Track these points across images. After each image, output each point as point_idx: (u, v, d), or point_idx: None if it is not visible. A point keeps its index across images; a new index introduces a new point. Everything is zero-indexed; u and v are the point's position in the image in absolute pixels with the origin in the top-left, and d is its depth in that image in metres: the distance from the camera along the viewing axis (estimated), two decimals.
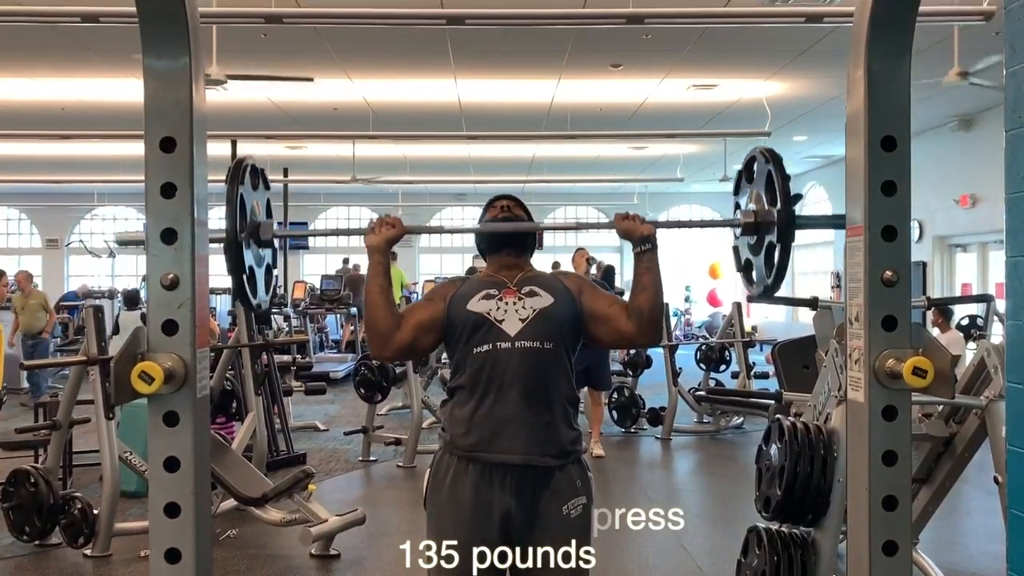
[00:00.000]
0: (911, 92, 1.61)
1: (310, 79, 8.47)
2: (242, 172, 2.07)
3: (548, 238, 18.62)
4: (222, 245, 2.03)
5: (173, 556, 1.58)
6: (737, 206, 2.25)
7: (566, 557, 2.17)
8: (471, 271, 13.26)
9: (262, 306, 2.21)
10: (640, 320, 2.21)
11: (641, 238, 2.22)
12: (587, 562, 2.22)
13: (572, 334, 2.25)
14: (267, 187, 2.24)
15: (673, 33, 7.58)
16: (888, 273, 1.57)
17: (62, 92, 9.86)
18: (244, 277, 2.08)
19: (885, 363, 1.56)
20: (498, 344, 2.15)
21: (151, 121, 1.57)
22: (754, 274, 2.19)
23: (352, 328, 13.79)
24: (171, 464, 1.57)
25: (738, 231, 2.21)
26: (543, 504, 2.16)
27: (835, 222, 1.97)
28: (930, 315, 7.51)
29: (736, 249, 2.29)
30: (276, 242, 2.24)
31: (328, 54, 8.12)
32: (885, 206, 1.58)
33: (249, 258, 2.10)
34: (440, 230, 2.52)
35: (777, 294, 2.15)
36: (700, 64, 8.68)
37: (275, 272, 2.34)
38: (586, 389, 7.01)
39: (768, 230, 2.07)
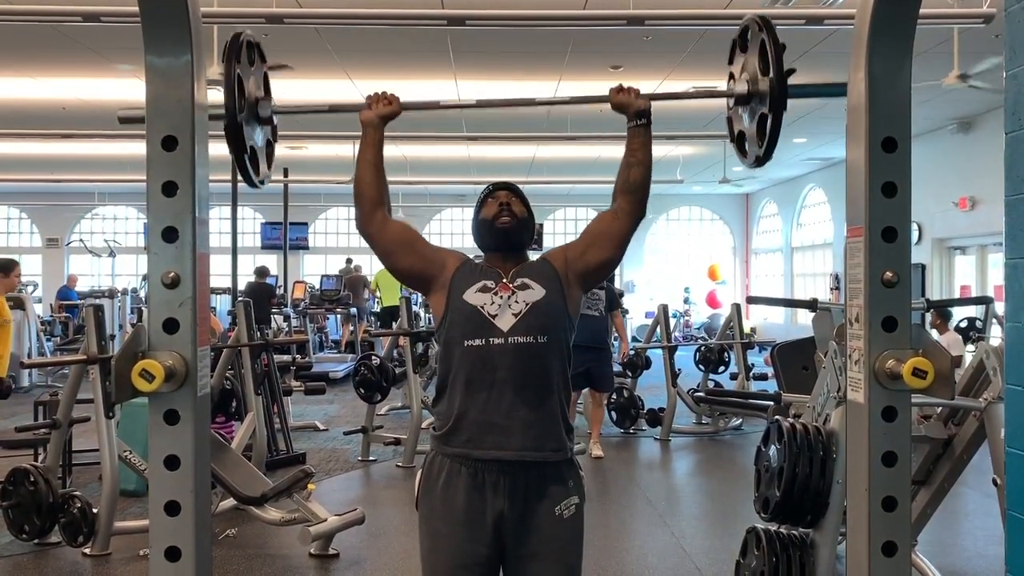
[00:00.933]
0: (910, 94, 1.62)
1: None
2: (239, 48, 2.02)
3: (548, 239, 18.63)
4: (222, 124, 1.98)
5: (173, 554, 1.58)
6: (731, 76, 2.19)
7: (559, 558, 2.16)
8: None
9: (264, 182, 2.20)
10: (634, 194, 2.24)
11: (637, 112, 2.23)
12: (579, 562, 2.21)
13: (566, 322, 2.22)
14: (263, 61, 2.19)
15: (673, 35, 7.59)
16: (888, 274, 1.57)
17: (63, 91, 9.87)
18: (246, 157, 2.05)
19: (885, 364, 1.56)
20: (491, 340, 2.13)
21: (153, 120, 1.57)
22: (747, 145, 2.16)
23: (352, 328, 13.80)
24: (171, 462, 1.58)
25: (731, 101, 2.19)
26: (535, 505, 2.14)
27: (830, 90, 1.92)
28: (928, 316, 7.52)
29: (729, 120, 2.25)
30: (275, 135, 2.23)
31: (329, 55, 8.13)
32: (885, 207, 1.58)
33: (249, 137, 2.08)
34: (436, 105, 2.49)
35: (775, 296, 2.14)
36: (700, 66, 8.69)
37: (275, 146, 2.30)
38: (587, 390, 7.02)
39: (760, 100, 2.03)
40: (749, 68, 2.08)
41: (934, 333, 7.28)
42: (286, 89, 9.01)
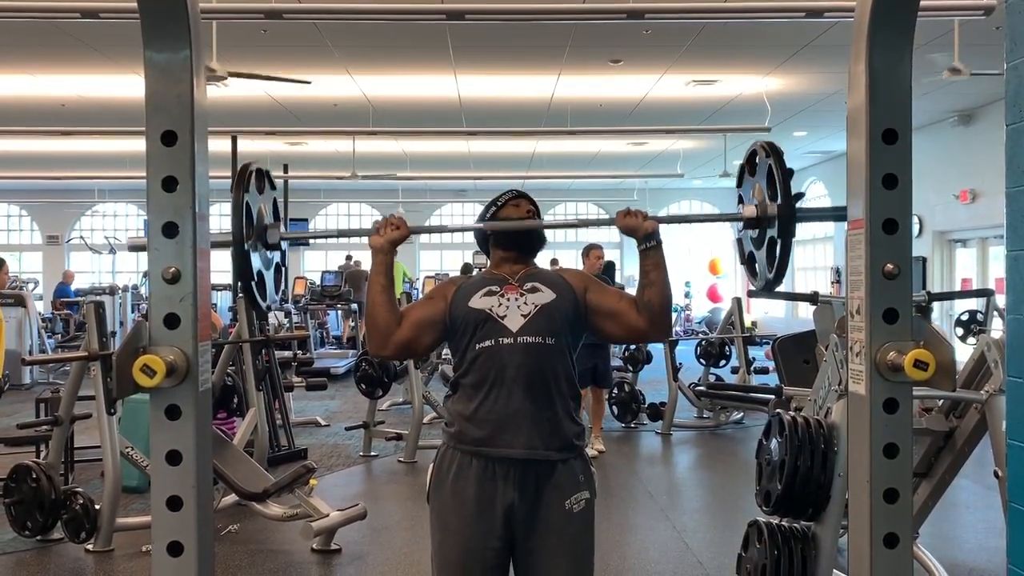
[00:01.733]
0: (911, 86, 1.61)
1: (308, 82, 8.46)
2: (247, 178, 2.07)
3: (547, 234, 18.59)
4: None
5: (175, 549, 1.58)
6: (740, 199, 2.25)
7: (569, 551, 2.17)
8: (466, 268, 13.25)
9: (272, 307, 2.23)
10: (651, 315, 2.22)
11: (645, 235, 2.23)
12: (590, 556, 2.23)
13: (574, 329, 2.26)
14: (272, 187, 2.24)
15: (673, 29, 7.58)
16: (889, 266, 1.57)
17: (62, 88, 9.86)
18: (253, 284, 2.09)
19: (886, 356, 1.56)
20: (500, 340, 2.16)
21: (152, 115, 1.57)
22: (757, 267, 2.20)
23: (352, 324, 13.81)
24: (173, 458, 1.58)
25: (741, 225, 2.22)
26: (546, 498, 2.16)
27: (836, 214, 1.97)
28: (937, 309, 7.51)
29: (740, 242, 2.29)
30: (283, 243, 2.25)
31: (328, 50, 8.12)
32: (886, 199, 1.58)
33: (257, 262, 2.11)
34: (443, 229, 2.53)
35: (777, 289, 2.16)
36: (700, 60, 8.67)
37: (284, 269, 2.34)
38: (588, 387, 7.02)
39: (769, 224, 2.07)
40: (757, 193, 2.14)
41: None
42: (287, 85, 8.99)
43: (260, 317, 6.46)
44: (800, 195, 2.03)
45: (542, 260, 2.45)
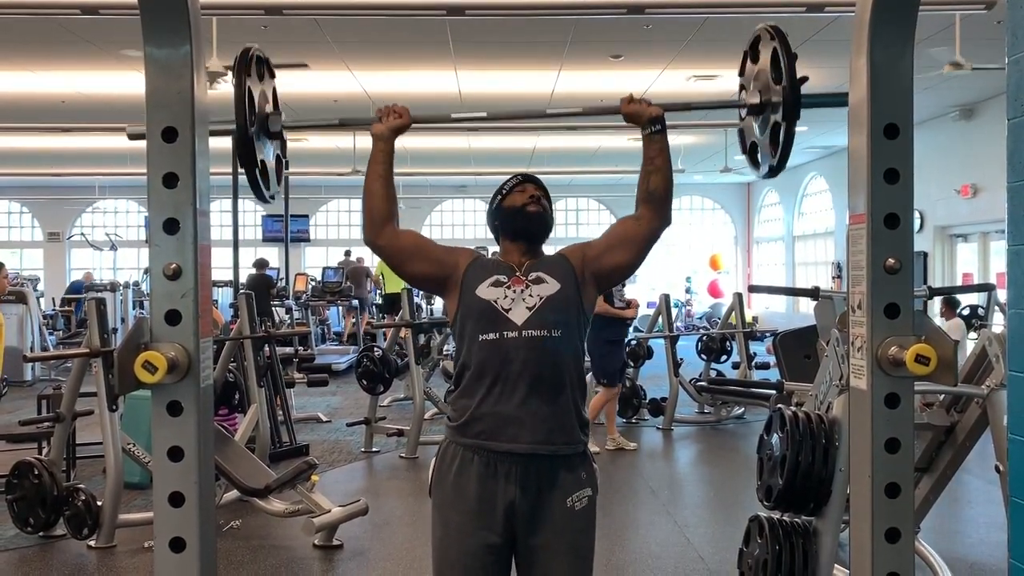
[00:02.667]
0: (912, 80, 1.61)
1: (304, 64, 8.42)
2: (248, 62, 2.04)
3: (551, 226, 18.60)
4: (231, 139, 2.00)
5: (178, 545, 1.58)
6: (742, 87, 2.19)
7: (570, 549, 2.16)
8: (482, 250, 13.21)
9: (275, 197, 2.21)
10: (656, 203, 2.21)
11: (651, 119, 2.21)
12: (590, 554, 2.22)
13: (581, 316, 2.23)
14: (272, 76, 2.21)
15: (674, 24, 7.57)
16: (891, 261, 1.57)
17: (62, 85, 9.85)
18: (257, 171, 2.06)
19: (888, 351, 1.56)
20: (505, 333, 2.13)
21: (153, 111, 1.57)
22: (759, 156, 2.16)
23: (354, 320, 13.81)
24: (175, 454, 1.58)
25: (743, 112, 2.18)
26: (548, 496, 2.14)
27: (842, 100, 1.92)
28: (937, 304, 7.53)
29: (742, 132, 2.24)
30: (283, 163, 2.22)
31: (328, 46, 8.11)
32: (888, 194, 1.58)
33: (260, 151, 2.09)
34: (447, 119, 2.49)
35: (777, 285, 2.14)
36: (701, 55, 8.66)
37: (284, 161, 2.31)
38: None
39: (773, 109, 2.02)
40: (761, 78, 2.08)
41: (939, 320, 7.28)
42: (286, 81, 8.98)
43: (262, 312, 6.45)
44: (804, 78, 1.98)
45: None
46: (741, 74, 2.21)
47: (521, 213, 2.28)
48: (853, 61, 1.63)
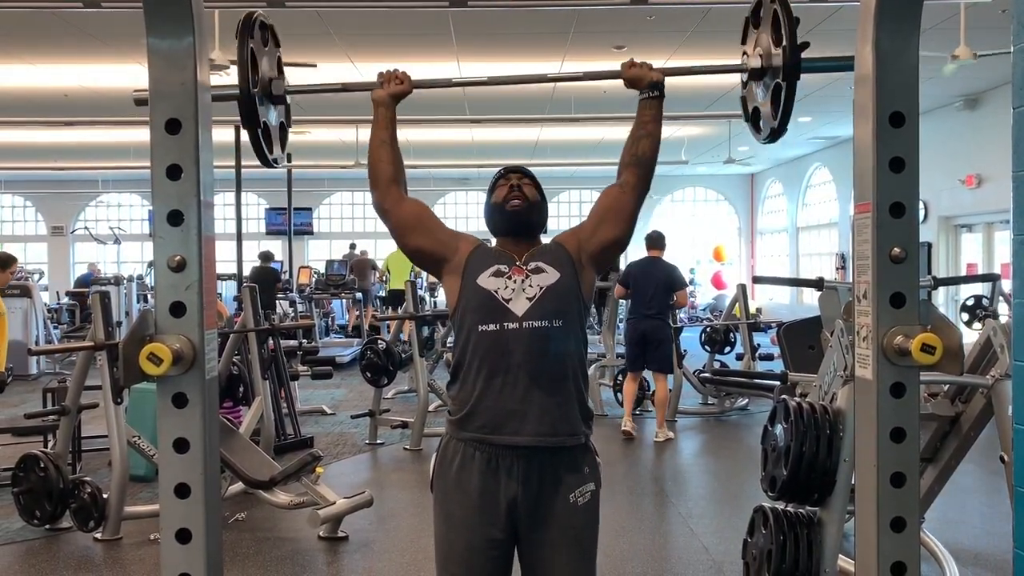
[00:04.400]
0: (918, 68, 1.60)
1: (313, 65, 8.42)
2: (251, 26, 2.04)
3: (552, 222, 18.59)
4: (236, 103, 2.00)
5: (184, 536, 1.59)
6: (744, 55, 2.19)
7: (573, 544, 2.15)
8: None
9: (278, 161, 2.20)
10: (641, 167, 2.23)
11: (650, 84, 2.21)
12: (593, 548, 2.21)
13: (581, 305, 2.21)
14: (277, 45, 2.21)
15: (676, 14, 7.54)
16: (896, 250, 1.56)
17: (65, 78, 9.85)
18: (259, 131, 2.06)
19: (893, 340, 1.56)
20: (505, 324, 2.11)
21: (156, 103, 1.56)
22: (761, 122, 2.15)
23: (358, 313, 13.82)
24: (180, 445, 1.58)
25: (744, 78, 2.17)
26: (550, 492, 2.12)
27: (842, 64, 1.92)
28: (942, 295, 7.47)
29: (743, 99, 2.24)
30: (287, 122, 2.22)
31: (330, 38, 8.10)
32: (893, 182, 1.57)
33: (263, 115, 2.09)
34: (448, 83, 2.47)
35: (781, 276, 2.14)
36: (704, 45, 8.63)
37: (286, 128, 2.31)
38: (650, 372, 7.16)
39: (774, 73, 2.02)
40: (762, 43, 2.07)
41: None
42: (289, 74, 8.99)
43: (266, 305, 6.45)
44: (805, 43, 1.98)
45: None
46: (743, 42, 2.20)
47: (503, 212, 2.26)
48: (858, 49, 1.62)
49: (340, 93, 2.47)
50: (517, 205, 2.25)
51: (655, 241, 7.26)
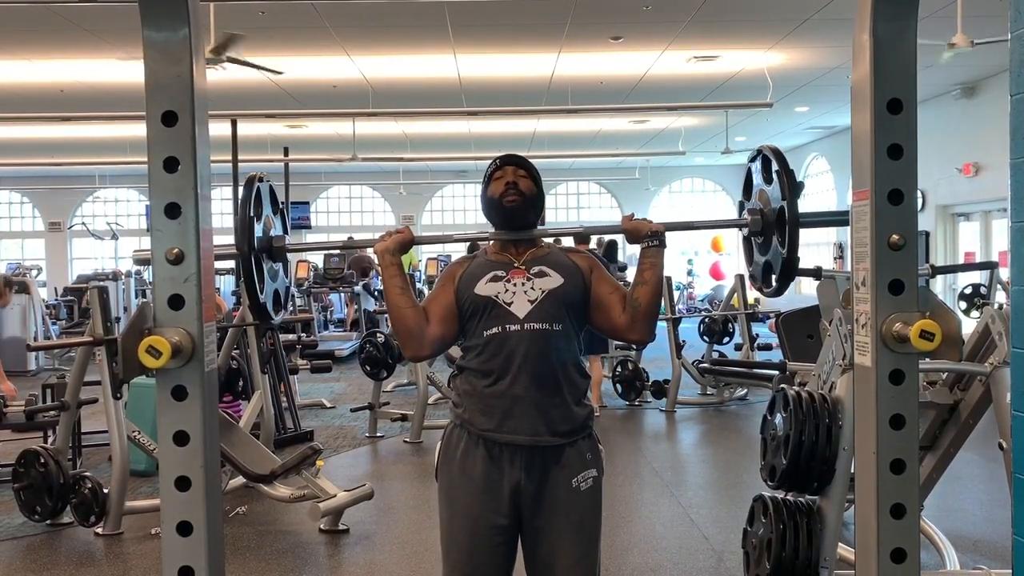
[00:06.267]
0: (916, 55, 1.60)
1: (280, 72, 8.38)
2: (253, 183, 2.14)
3: (550, 213, 18.60)
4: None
5: (185, 529, 1.59)
6: (742, 205, 2.28)
7: (576, 529, 2.17)
8: (474, 246, 13.23)
9: (272, 319, 2.26)
10: (635, 314, 2.21)
11: (650, 233, 2.21)
12: (597, 533, 2.23)
13: (580, 313, 2.24)
14: (275, 210, 2.29)
15: (673, 4, 7.52)
16: (895, 237, 1.56)
17: (60, 74, 9.81)
18: (259, 299, 2.15)
19: (892, 327, 1.56)
20: (507, 326, 2.14)
21: (152, 95, 1.56)
22: (769, 273, 2.22)
23: (356, 307, 13.81)
24: (180, 438, 1.58)
25: (745, 231, 2.24)
26: (553, 477, 2.16)
27: (839, 218, 1.97)
28: (940, 283, 7.48)
29: (747, 245, 2.33)
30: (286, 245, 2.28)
31: (326, 31, 8.07)
32: (891, 170, 1.57)
33: (266, 276, 2.18)
34: (449, 239, 2.48)
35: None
36: (701, 35, 8.61)
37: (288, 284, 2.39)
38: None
39: (773, 231, 2.12)
40: (761, 199, 2.18)
41: None
42: (284, 67, 8.95)
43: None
44: (801, 184, 2.04)
45: None
46: (746, 196, 2.31)
47: (499, 207, 2.27)
48: (856, 36, 1.62)
49: (335, 91, 2.49)
50: (513, 202, 2.26)
51: (582, 238, 7.41)
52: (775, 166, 2.09)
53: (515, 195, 2.25)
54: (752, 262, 2.29)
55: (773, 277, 2.15)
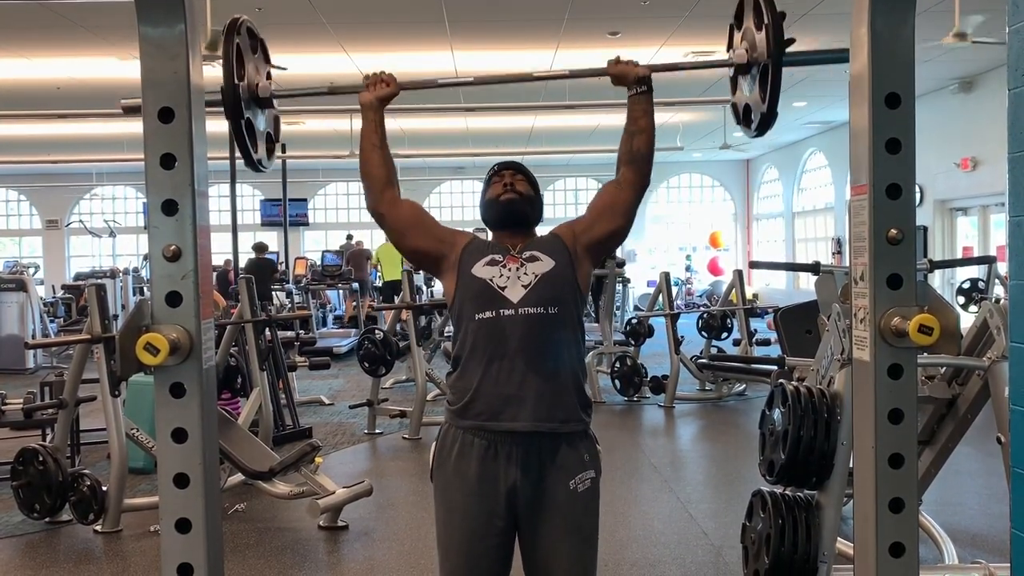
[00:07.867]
0: (914, 49, 1.59)
1: (284, 68, 8.38)
2: (238, 28, 2.07)
3: (548, 210, 18.55)
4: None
5: (184, 526, 1.59)
6: (731, 52, 2.19)
7: (573, 531, 2.16)
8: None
9: (262, 162, 2.21)
10: (638, 166, 2.26)
11: (637, 79, 2.23)
12: (594, 535, 2.22)
13: (577, 294, 2.22)
14: (267, 59, 2.25)
15: None
16: (893, 231, 1.56)
17: (57, 71, 9.79)
18: (243, 125, 2.08)
19: (891, 321, 1.56)
20: (501, 311, 2.13)
21: (149, 92, 1.56)
22: (752, 113, 2.14)
23: (355, 303, 13.81)
24: (179, 435, 1.58)
25: (732, 72, 2.18)
26: (550, 479, 2.13)
27: (833, 56, 1.91)
28: (938, 278, 7.49)
29: (734, 105, 2.25)
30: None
31: (323, 27, 8.05)
32: (890, 164, 1.57)
33: (249, 114, 2.11)
34: (434, 84, 2.46)
35: (778, 261, 2.15)
36: (699, 31, 8.60)
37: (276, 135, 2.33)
38: None
39: (760, 60, 2.02)
40: (747, 36, 2.08)
41: None
42: (280, 63, 8.95)
43: (263, 296, 6.44)
44: (791, 40, 1.98)
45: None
46: (729, 47, 2.21)
47: (496, 206, 2.29)
48: (854, 30, 1.62)
49: (332, 81, 2.48)
50: (511, 198, 2.28)
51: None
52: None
53: (512, 193, 2.29)
54: (741, 114, 2.22)
55: (761, 104, 2.07)
